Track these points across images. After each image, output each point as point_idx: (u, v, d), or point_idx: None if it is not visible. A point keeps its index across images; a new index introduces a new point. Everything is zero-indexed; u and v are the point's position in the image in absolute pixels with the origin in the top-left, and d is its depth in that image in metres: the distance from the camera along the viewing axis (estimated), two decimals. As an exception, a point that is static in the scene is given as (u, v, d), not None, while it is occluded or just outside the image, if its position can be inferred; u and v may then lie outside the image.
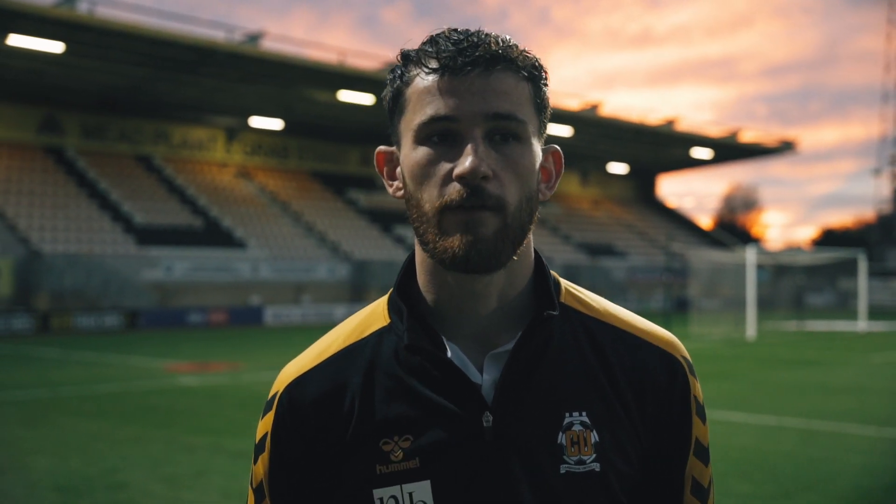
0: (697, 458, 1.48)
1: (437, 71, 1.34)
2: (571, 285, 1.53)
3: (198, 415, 13.19)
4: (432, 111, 1.33)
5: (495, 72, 1.33)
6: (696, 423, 1.47)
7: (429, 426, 1.37)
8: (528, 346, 1.39)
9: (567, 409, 1.39)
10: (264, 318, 39.33)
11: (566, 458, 1.36)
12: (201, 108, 48.93)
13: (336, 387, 1.43)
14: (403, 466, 1.36)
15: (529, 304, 1.44)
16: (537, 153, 1.39)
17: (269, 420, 1.47)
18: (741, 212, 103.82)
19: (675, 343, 1.50)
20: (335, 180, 55.90)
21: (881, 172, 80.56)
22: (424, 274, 1.43)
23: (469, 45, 1.33)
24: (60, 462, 9.72)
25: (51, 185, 43.36)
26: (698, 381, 1.50)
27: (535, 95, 1.38)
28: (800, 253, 56.44)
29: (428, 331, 1.40)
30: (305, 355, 1.50)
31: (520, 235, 1.36)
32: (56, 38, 35.33)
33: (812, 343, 29.18)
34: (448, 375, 1.37)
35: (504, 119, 1.33)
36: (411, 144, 1.37)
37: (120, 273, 38.23)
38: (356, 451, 1.39)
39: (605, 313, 1.50)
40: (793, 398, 15.18)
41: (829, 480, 9.00)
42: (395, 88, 1.41)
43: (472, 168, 1.29)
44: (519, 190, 1.34)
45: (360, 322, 1.50)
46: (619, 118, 54.47)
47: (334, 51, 43.71)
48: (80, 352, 24.52)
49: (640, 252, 63.82)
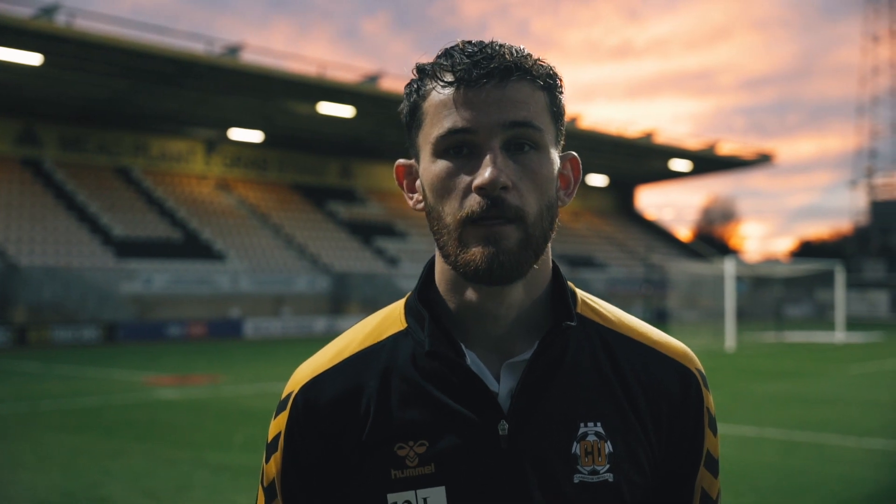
0: (707, 469, 1.50)
1: (452, 84, 1.35)
2: (588, 295, 1.54)
3: (178, 428, 13.12)
4: (450, 124, 1.35)
5: (511, 82, 1.35)
6: (708, 435, 1.49)
7: (444, 432, 1.38)
8: (545, 356, 1.40)
9: (582, 419, 1.41)
10: (244, 331, 39.17)
11: (580, 468, 1.38)
12: (180, 121, 48.77)
13: (352, 389, 1.43)
14: (418, 472, 1.37)
15: (547, 313, 1.46)
16: (555, 161, 1.42)
17: (282, 420, 1.47)
18: (719, 223, 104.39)
19: (690, 355, 1.52)
20: (315, 193, 55.81)
21: (857, 184, 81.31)
22: (445, 282, 1.45)
23: (484, 57, 1.35)
24: (41, 476, 9.65)
25: (28, 197, 43.07)
26: (711, 393, 1.52)
27: (551, 104, 1.41)
28: (778, 265, 56.77)
29: (448, 338, 1.41)
30: (321, 356, 1.51)
31: (541, 244, 1.38)
32: (34, 50, 35.14)
33: (791, 354, 29.32)
34: (466, 382, 1.38)
35: (521, 127, 1.35)
36: (430, 157, 1.38)
37: (98, 286, 38.00)
38: (371, 455, 1.40)
39: (621, 324, 1.51)
40: (773, 409, 15.25)
41: (809, 491, 9.05)
42: (412, 102, 1.42)
43: (492, 179, 1.30)
44: (539, 199, 1.36)
45: (376, 325, 1.51)
46: (598, 130, 54.63)
47: (314, 63, 43.77)
48: (58, 365, 24.33)
49: (620, 264, 64.01)
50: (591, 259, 62.52)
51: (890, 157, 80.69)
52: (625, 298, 56.65)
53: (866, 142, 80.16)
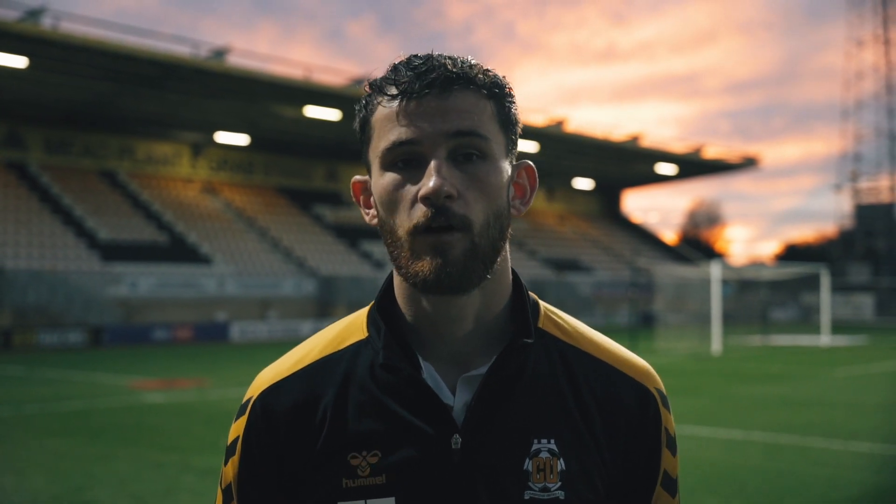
0: (665, 489, 1.49)
1: (397, 97, 1.36)
2: (551, 309, 1.54)
3: (164, 432, 13.08)
4: (394, 137, 1.35)
5: (453, 92, 1.35)
6: (666, 455, 1.49)
7: (398, 444, 1.38)
8: (501, 371, 1.40)
9: (536, 435, 1.40)
10: (230, 334, 39.06)
11: (531, 485, 1.38)
12: (166, 124, 48.67)
13: (310, 397, 1.44)
14: (370, 482, 1.38)
15: (506, 327, 1.45)
16: (505, 170, 1.40)
17: (241, 424, 1.48)
18: (705, 227, 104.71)
19: (651, 374, 1.51)
20: (301, 196, 55.76)
21: (842, 188, 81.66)
22: (402, 295, 1.45)
23: (427, 69, 1.35)
24: (25, 481, 9.61)
25: (13, 201, 42.88)
26: (671, 413, 1.52)
27: (498, 112, 1.39)
28: (763, 268, 57.00)
29: (405, 349, 1.41)
30: (282, 362, 1.51)
31: (491, 254, 1.37)
32: (19, 53, 35.02)
33: (776, 357, 29.41)
34: (421, 395, 1.39)
35: (465, 136, 1.34)
36: (379, 171, 1.39)
37: (84, 289, 37.85)
38: (325, 463, 1.40)
39: (582, 339, 1.51)
40: (759, 412, 15.31)
41: (795, 493, 9.09)
42: (362, 118, 1.43)
43: (436, 188, 1.30)
44: (486, 208, 1.35)
45: (338, 333, 1.51)
46: (584, 134, 54.74)
47: (300, 66, 43.71)
48: (44, 369, 24.22)
49: (606, 267, 64.13)
50: (577, 262, 62.63)
51: (874, 161, 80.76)
52: (611, 302, 56.80)
53: (851, 146, 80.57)
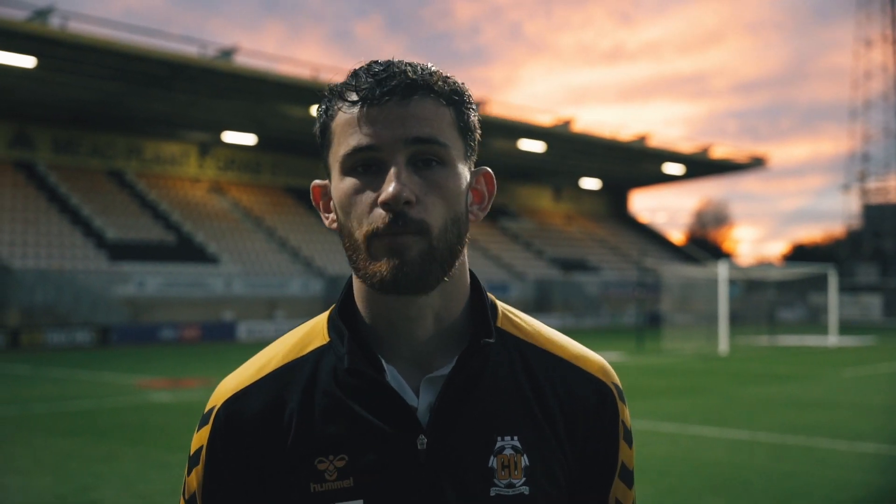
0: (622, 480, 1.53)
1: (357, 103, 1.38)
2: (508, 308, 1.56)
3: (171, 431, 13.10)
4: (354, 142, 1.37)
5: (413, 99, 1.37)
6: (623, 447, 1.52)
7: (364, 447, 1.39)
8: (463, 371, 1.42)
9: (499, 433, 1.42)
10: (237, 334, 39.12)
11: (496, 482, 1.40)
12: (174, 123, 48.76)
13: (274, 404, 1.45)
14: (337, 486, 1.38)
15: (466, 328, 1.47)
16: (464, 175, 1.42)
17: (204, 434, 1.48)
18: (712, 227, 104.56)
19: (607, 369, 1.54)
20: (308, 196, 55.57)
21: (850, 188, 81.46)
22: (362, 299, 1.47)
23: (387, 76, 1.37)
24: (32, 480, 9.64)
25: (21, 200, 43.00)
26: (627, 406, 1.55)
27: (457, 119, 1.41)
28: (771, 268, 56.88)
29: (367, 353, 1.42)
30: (244, 370, 1.51)
31: (448, 257, 1.38)
32: (28, 53, 35.13)
33: (783, 358, 29.37)
34: (385, 398, 1.40)
35: (424, 143, 1.36)
36: (339, 176, 1.40)
37: (91, 289, 37.94)
38: (292, 469, 1.41)
39: (540, 338, 1.53)
40: (765, 413, 15.28)
41: (801, 495, 9.07)
42: (322, 123, 1.45)
43: (395, 194, 1.32)
44: (444, 213, 1.37)
45: (300, 339, 1.52)
46: (591, 134, 54.72)
47: (308, 66, 43.72)
48: (51, 368, 24.29)
49: (613, 267, 64.08)
50: (584, 262, 62.58)
51: (883, 161, 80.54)
52: (618, 302, 56.75)
53: (859, 146, 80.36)
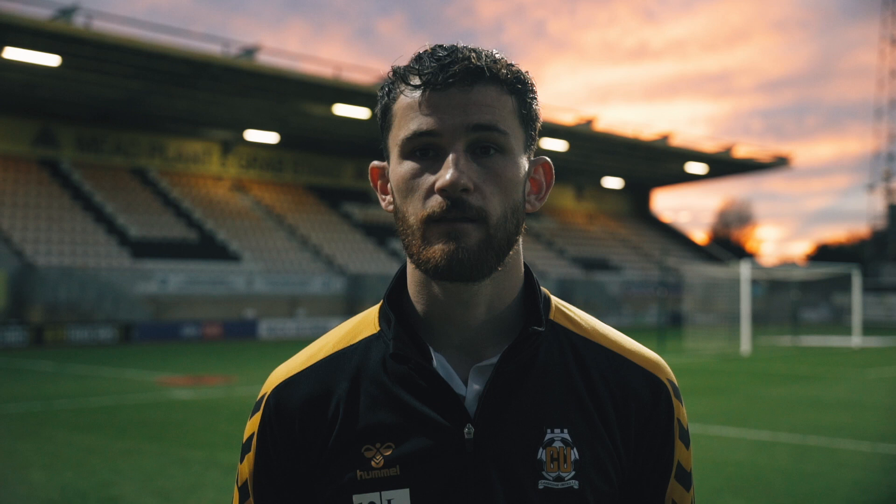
0: (679, 482, 1.49)
1: (420, 87, 1.37)
2: (562, 303, 1.54)
3: (191, 428, 13.15)
4: (415, 126, 1.36)
5: (476, 86, 1.36)
6: (679, 446, 1.48)
7: (411, 435, 1.39)
8: (513, 360, 1.40)
9: (549, 425, 1.41)
10: (258, 332, 39.24)
11: (545, 474, 1.38)
12: (197, 122, 48.96)
13: (323, 391, 1.45)
14: (384, 473, 1.38)
15: (518, 318, 1.46)
16: (522, 165, 1.41)
17: (256, 421, 1.50)
18: (736, 226, 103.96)
19: (662, 365, 1.51)
20: (330, 194, 55.91)
21: (875, 188, 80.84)
22: (414, 284, 1.46)
23: (451, 61, 1.36)
24: (54, 475, 9.69)
25: (45, 198, 43.30)
26: (684, 405, 1.51)
27: (519, 108, 1.40)
28: (794, 268, 56.52)
29: (415, 340, 1.42)
30: (295, 359, 1.53)
31: (504, 246, 1.37)
32: (52, 52, 35.34)
33: (806, 358, 29.18)
34: (432, 386, 1.39)
35: (485, 130, 1.35)
36: (397, 159, 1.40)
37: (114, 286, 38.15)
38: (339, 456, 1.41)
39: (594, 332, 1.51)
40: (787, 413, 15.19)
41: (822, 496, 9.00)
42: (383, 105, 1.44)
43: (453, 181, 1.31)
44: (502, 201, 1.36)
45: (351, 328, 1.52)
46: (614, 133, 54.51)
47: (330, 65, 43.82)
48: (73, 365, 24.44)
49: (635, 266, 63.87)
50: (607, 261, 62.41)
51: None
52: (640, 301, 56.57)
53: (884, 145, 79.71)
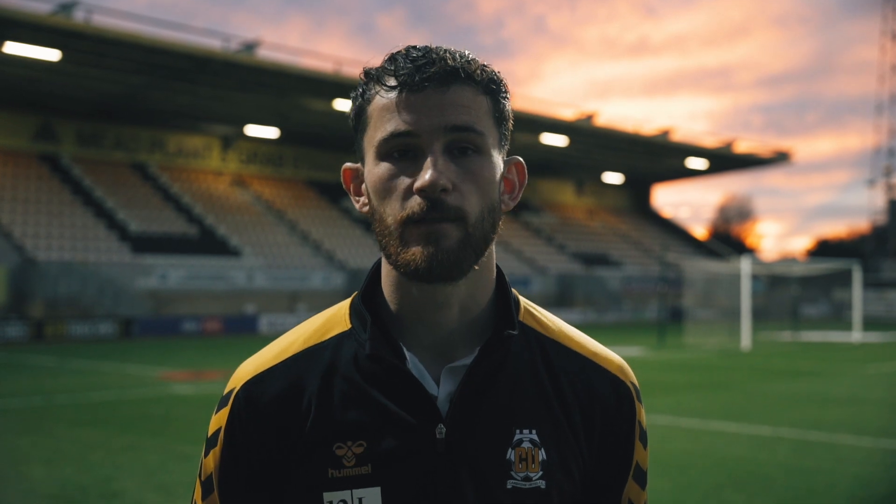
0: (635, 481, 1.53)
1: (395, 88, 1.37)
2: (530, 304, 1.56)
3: (192, 423, 13.15)
4: (392, 127, 1.36)
5: (452, 86, 1.37)
6: (638, 447, 1.53)
7: (383, 434, 1.39)
8: (485, 362, 1.42)
9: (518, 426, 1.43)
10: (259, 327, 39.24)
11: (514, 474, 1.40)
12: (197, 117, 48.95)
13: (294, 388, 1.45)
14: (355, 472, 1.39)
15: (490, 320, 1.47)
16: (498, 165, 1.42)
17: (223, 416, 1.49)
18: (736, 222, 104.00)
19: (625, 369, 1.55)
20: (331, 189, 55.91)
21: (875, 183, 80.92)
22: (389, 284, 1.46)
23: (427, 62, 1.36)
24: (54, 470, 9.69)
25: (46, 193, 43.31)
26: (644, 407, 1.56)
27: (493, 108, 1.41)
28: (794, 263, 56.51)
29: (389, 340, 1.42)
30: (264, 353, 1.53)
31: (482, 245, 1.39)
32: (52, 46, 35.34)
33: (807, 354, 29.20)
34: (405, 386, 1.40)
35: (463, 131, 1.36)
36: (374, 160, 1.40)
37: (115, 281, 38.17)
38: (310, 454, 1.41)
39: (561, 334, 1.54)
40: (787, 409, 15.18)
41: (823, 492, 9.00)
42: (358, 106, 1.45)
43: (432, 181, 1.32)
44: (480, 201, 1.37)
45: (321, 324, 1.52)
46: (614, 128, 54.52)
47: (330, 60, 43.67)
48: (74, 360, 24.45)
49: (635, 262, 63.87)
50: (607, 257, 62.42)
51: (908, 157, 79.98)
52: (640, 297, 56.58)
53: (885, 140, 79.79)
